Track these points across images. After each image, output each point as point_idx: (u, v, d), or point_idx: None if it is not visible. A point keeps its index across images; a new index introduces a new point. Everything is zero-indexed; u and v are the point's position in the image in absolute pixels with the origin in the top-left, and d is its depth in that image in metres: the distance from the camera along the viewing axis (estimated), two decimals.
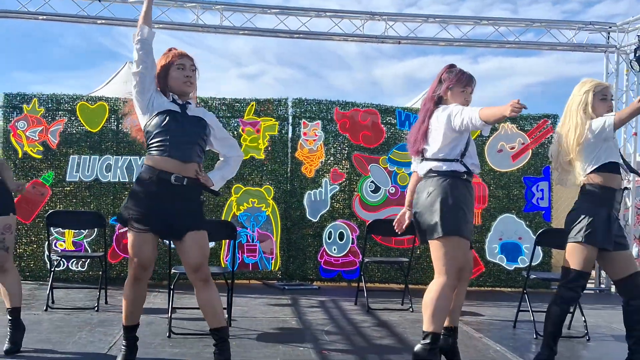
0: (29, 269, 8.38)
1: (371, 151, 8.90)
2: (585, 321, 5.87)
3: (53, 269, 6.88)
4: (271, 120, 8.79)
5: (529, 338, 5.87)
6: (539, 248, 7.54)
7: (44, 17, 8.89)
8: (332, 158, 8.91)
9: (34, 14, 8.82)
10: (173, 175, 3.94)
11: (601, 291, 9.36)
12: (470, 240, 4.30)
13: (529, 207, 9.06)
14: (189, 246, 4.02)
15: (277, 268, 8.77)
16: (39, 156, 8.47)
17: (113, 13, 8.91)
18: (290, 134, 8.89)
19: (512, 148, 9.06)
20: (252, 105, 8.78)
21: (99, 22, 9.02)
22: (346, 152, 8.91)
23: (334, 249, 8.82)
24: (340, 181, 8.88)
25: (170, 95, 4.16)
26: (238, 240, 7.32)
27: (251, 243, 8.66)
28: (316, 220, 8.82)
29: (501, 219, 9.00)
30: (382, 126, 8.97)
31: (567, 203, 9.24)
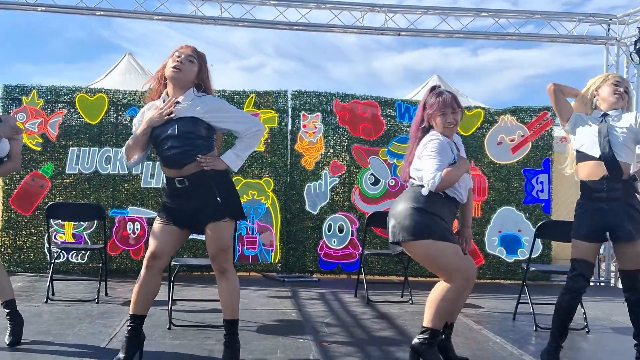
0: (29, 261, 8.39)
1: (371, 143, 8.90)
2: (585, 313, 5.87)
3: (53, 261, 6.87)
4: (271, 112, 8.79)
5: (529, 330, 5.87)
6: (539, 240, 7.54)
7: (43, 9, 8.87)
8: (332, 150, 8.91)
9: (33, 5, 8.80)
10: (175, 179, 4.04)
11: (601, 284, 9.38)
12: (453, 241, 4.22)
13: (529, 200, 9.06)
14: (207, 237, 4.07)
15: (277, 260, 8.78)
16: (39, 148, 8.46)
17: (112, 5, 8.92)
18: (289, 126, 8.89)
19: (512, 140, 9.05)
20: (252, 97, 8.77)
21: (98, 14, 9.01)
22: (346, 145, 8.90)
23: (334, 242, 8.83)
24: (339, 173, 8.88)
25: (162, 97, 4.16)
26: (238, 232, 7.33)
27: (251, 235, 8.66)
28: (316, 212, 8.82)
29: (501, 212, 9.01)
30: (382, 118, 8.96)
31: (567, 195, 9.27)
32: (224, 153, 4.18)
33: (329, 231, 8.84)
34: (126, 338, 4.17)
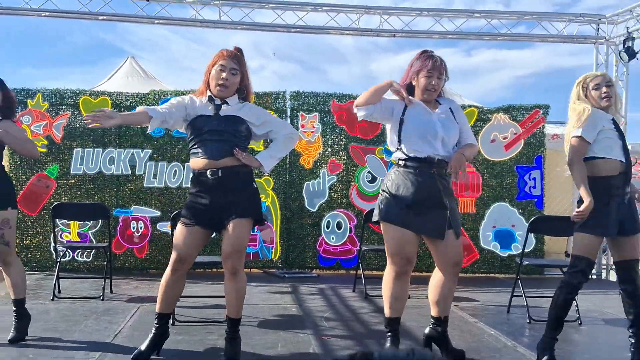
0: (36, 260, 8.40)
1: (367, 142, 8.91)
2: (577, 306, 5.87)
3: (59, 260, 6.89)
4: (270, 112, 8.77)
5: (523, 322, 5.89)
6: (532, 235, 7.56)
7: (47, 14, 8.87)
8: (330, 149, 8.91)
9: (37, 11, 8.80)
10: (208, 171, 4.03)
11: (593, 277, 9.39)
12: (412, 227, 4.12)
13: (522, 196, 9.07)
14: (227, 234, 4.05)
15: (277, 257, 8.79)
16: (44, 150, 8.46)
17: (114, 9, 8.91)
18: None
19: (505, 138, 9.07)
20: (252, 98, 8.72)
21: (101, 18, 9.00)
22: (343, 144, 8.91)
23: (333, 238, 8.84)
24: (337, 172, 8.89)
25: (208, 95, 4.21)
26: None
27: (252, 233, 8.66)
28: (315, 210, 8.83)
29: (495, 207, 9.02)
30: None
31: (559, 191, 9.29)
32: (259, 153, 4.24)
33: (328, 228, 8.84)
34: (152, 334, 4.26)
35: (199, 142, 4.10)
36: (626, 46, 8.91)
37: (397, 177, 4.16)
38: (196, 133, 4.12)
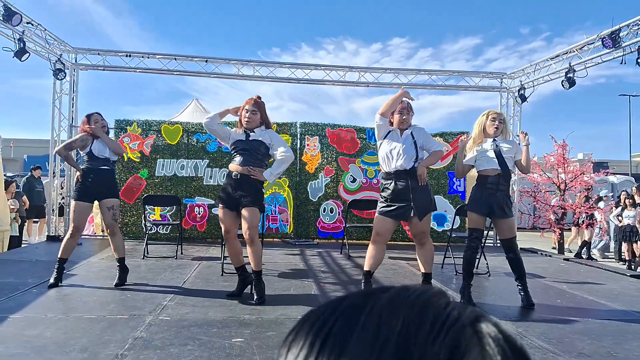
0: (132, 232, 8.39)
1: (350, 156, 8.89)
2: (487, 264, 5.89)
3: (147, 232, 6.89)
4: (286, 136, 8.77)
5: (451, 275, 5.90)
6: (458, 217, 7.54)
7: (140, 70, 8.85)
8: (326, 160, 8.89)
9: (134, 69, 8.78)
10: (233, 172, 4.20)
11: (498, 244, 9.37)
12: (390, 216, 4.25)
13: (451, 191, 9.06)
14: (242, 217, 4.17)
15: (291, 231, 8.78)
16: (138, 160, 8.45)
17: (184, 68, 8.89)
18: (298, 145, 8.88)
19: None
20: (274, 127, 8.66)
21: (175, 73, 8.98)
22: (334, 157, 8.89)
23: (327, 218, 8.82)
24: (330, 175, 8.87)
25: (243, 127, 4.32)
26: (266, 213, 7.33)
27: (274, 215, 8.66)
28: (315, 200, 8.81)
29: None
30: (358, 140, 8.95)
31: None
32: (265, 171, 4.28)
33: (324, 212, 8.83)
34: (238, 281, 4.39)
35: (235, 154, 4.28)
36: (520, 93, 8.90)
37: (384, 184, 4.35)
38: (234, 148, 4.30)
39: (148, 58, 8.71)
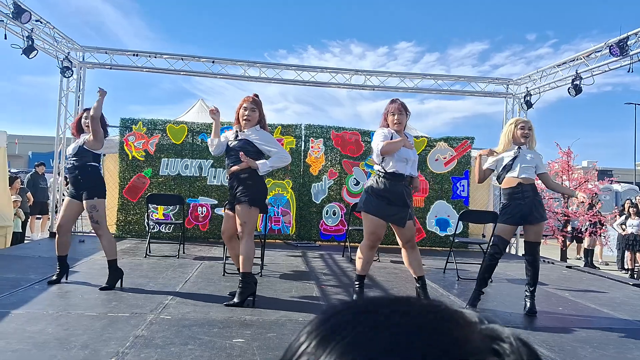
0: (135, 231, 8.40)
1: (354, 159, 8.89)
2: None
3: (150, 231, 6.90)
4: (291, 138, 8.78)
5: (453, 279, 5.87)
6: (461, 222, 7.53)
7: (147, 70, 8.88)
8: (329, 163, 8.89)
9: (141, 68, 8.81)
10: (227, 175, 4.23)
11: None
12: (386, 218, 4.05)
13: (454, 196, 9.04)
14: (236, 212, 4.11)
15: (293, 232, 8.77)
16: (142, 159, 8.47)
17: (191, 68, 8.91)
18: (303, 147, 8.88)
19: (445, 158, 9.04)
20: (279, 128, 8.77)
21: (182, 73, 9.01)
22: (338, 159, 8.89)
23: (330, 221, 8.81)
24: (334, 178, 8.87)
25: (237, 126, 4.26)
26: (268, 214, 7.33)
27: (276, 216, 8.66)
28: (318, 202, 8.81)
29: (437, 204, 8.99)
30: (362, 143, 8.95)
31: (479, 194, 9.25)
32: (260, 161, 4.16)
33: (327, 214, 8.82)
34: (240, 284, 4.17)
35: (227, 157, 4.26)
36: (526, 100, 8.89)
37: (378, 183, 4.10)
38: (227, 151, 4.26)
39: (155, 57, 8.74)
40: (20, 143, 28.04)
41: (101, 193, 4.52)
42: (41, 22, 7.34)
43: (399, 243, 4.28)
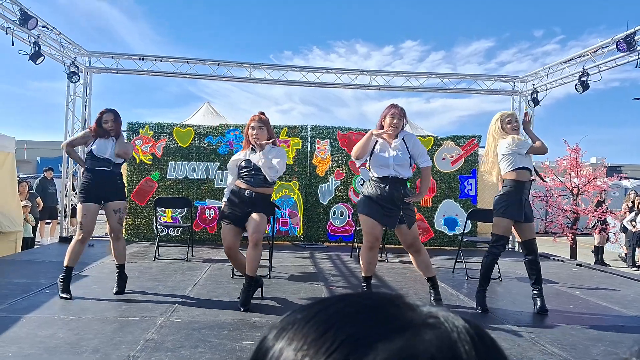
0: (144, 234, 8.43)
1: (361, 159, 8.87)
2: (499, 269, 5.83)
3: (158, 234, 6.92)
4: (297, 139, 8.79)
5: (462, 279, 5.85)
6: (469, 221, 7.50)
7: (153, 74, 8.92)
8: (336, 163, 8.89)
9: (147, 72, 8.85)
10: (247, 191, 4.15)
11: (509, 249, 9.30)
12: (377, 219, 4.06)
13: (462, 195, 9.00)
14: (252, 219, 4.10)
15: (301, 233, 8.77)
16: (149, 162, 8.51)
17: (197, 71, 8.94)
18: (309, 148, 8.88)
19: (452, 157, 9.01)
20: (285, 129, 8.78)
21: (188, 77, 9.04)
22: (344, 160, 8.88)
23: (337, 222, 8.80)
24: (341, 178, 8.86)
25: (250, 146, 4.28)
26: (276, 216, 7.33)
27: (284, 218, 8.66)
28: (325, 203, 8.81)
29: (444, 203, 8.96)
30: None
31: (487, 192, 9.21)
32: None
33: (334, 215, 8.82)
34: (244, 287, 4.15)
35: (246, 174, 4.21)
36: (533, 97, 8.84)
37: (370, 187, 4.16)
38: (243, 169, 4.23)
39: (161, 61, 8.77)
40: (28, 148, 28.25)
41: (125, 195, 4.62)
42: (47, 28, 7.39)
43: (405, 248, 4.27)
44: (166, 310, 3.93)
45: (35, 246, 8.69)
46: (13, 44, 6.85)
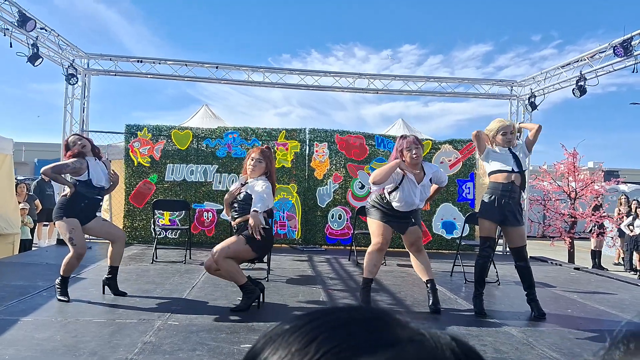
0: (141, 236, 8.42)
1: (358, 162, 8.88)
2: (497, 272, 5.84)
3: (156, 236, 6.91)
4: (295, 142, 8.79)
5: (460, 282, 5.86)
6: (467, 225, 7.51)
7: (151, 76, 8.92)
8: (334, 167, 8.89)
9: (145, 74, 8.85)
10: (233, 224, 4.28)
11: (507, 253, 9.30)
12: (387, 223, 4.23)
13: (460, 199, 9.01)
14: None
15: (299, 236, 8.76)
16: (148, 165, 8.50)
17: (195, 74, 8.94)
18: (307, 151, 8.88)
19: (450, 160, 9.02)
20: (283, 132, 8.78)
21: (186, 79, 9.05)
22: (343, 163, 8.88)
23: (335, 225, 8.80)
24: (339, 181, 8.86)
25: (246, 178, 4.31)
26: (274, 218, 7.33)
27: (282, 220, 8.65)
28: (324, 206, 8.80)
29: (442, 206, 8.97)
30: (366, 146, 8.94)
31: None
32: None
33: (332, 218, 8.81)
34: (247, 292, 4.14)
35: (235, 205, 4.22)
36: (530, 101, 8.86)
37: (385, 207, 4.22)
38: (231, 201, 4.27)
39: (159, 64, 8.77)
40: (26, 150, 28.20)
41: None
42: (46, 30, 7.39)
43: (406, 246, 4.32)
44: (164, 313, 3.92)
45: (32, 248, 8.67)
46: (11, 46, 6.85)
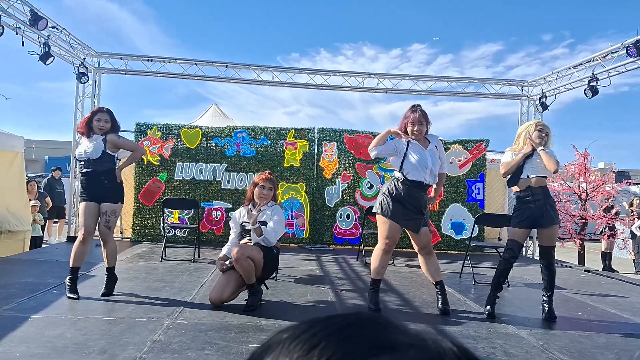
0: (151, 235, 8.46)
1: (367, 162, 8.86)
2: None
3: (165, 235, 6.94)
4: (304, 141, 8.79)
5: (470, 284, 5.82)
6: (476, 226, 7.47)
7: (162, 75, 8.96)
8: (343, 166, 8.88)
9: (155, 73, 8.89)
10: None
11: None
12: (400, 222, 4.06)
13: (470, 199, 8.97)
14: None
15: (307, 236, 8.77)
16: (157, 163, 8.54)
17: (205, 73, 8.97)
18: (316, 151, 8.88)
19: (459, 161, 8.98)
20: (292, 132, 8.78)
21: (196, 78, 9.08)
22: (352, 162, 8.87)
23: (343, 224, 8.79)
24: (348, 181, 8.85)
25: (252, 204, 4.34)
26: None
27: (290, 220, 8.66)
28: (332, 206, 8.80)
29: (452, 207, 8.93)
30: None
31: (494, 197, 9.16)
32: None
33: (340, 218, 8.80)
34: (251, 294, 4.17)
35: (245, 234, 4.32)
36: (541, 101, 8.80)
37: (396, 188, 4.10)
38: (243, 230, 4.35)
39: (169, 63, 8.81)
40: (36, 148, 28.45)
41: (123, 197, 4.43)
42: (57, 29, 7.44)
43: (415, 249, 4.28)
44: (173, 311, 3.94)
45: (43, 245, 8.74)
46: (23, 45, 6.91)
